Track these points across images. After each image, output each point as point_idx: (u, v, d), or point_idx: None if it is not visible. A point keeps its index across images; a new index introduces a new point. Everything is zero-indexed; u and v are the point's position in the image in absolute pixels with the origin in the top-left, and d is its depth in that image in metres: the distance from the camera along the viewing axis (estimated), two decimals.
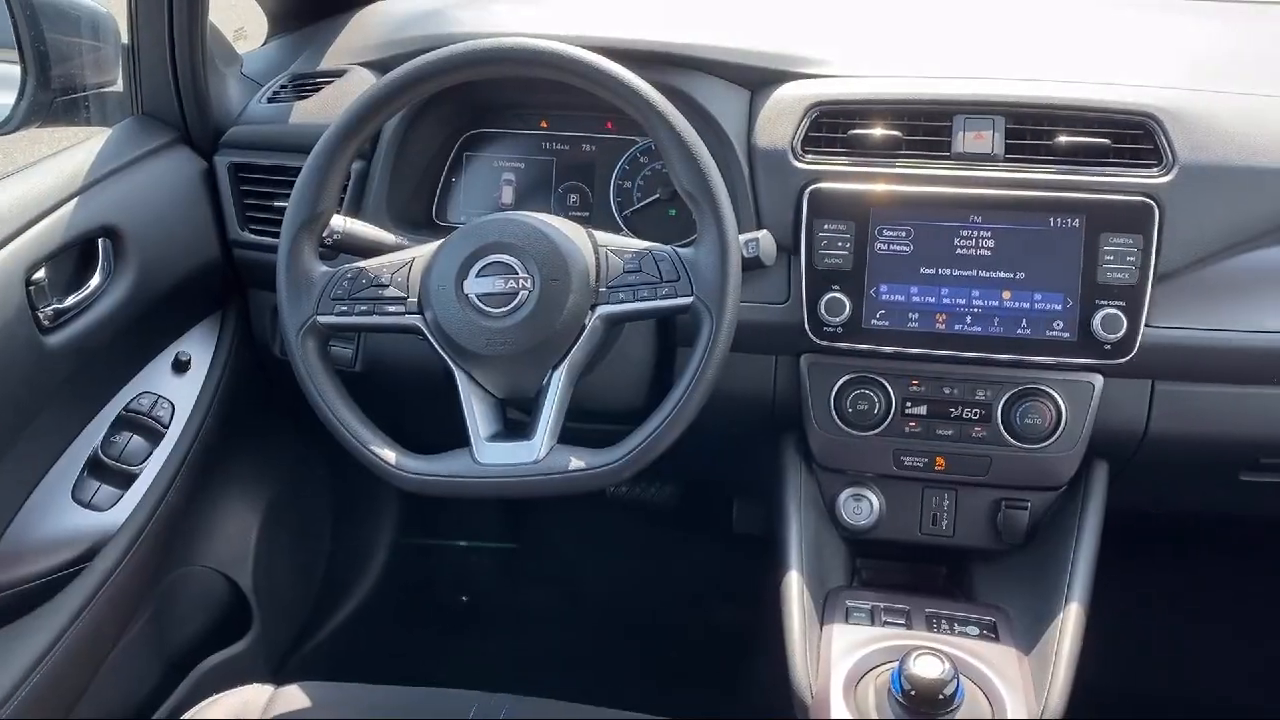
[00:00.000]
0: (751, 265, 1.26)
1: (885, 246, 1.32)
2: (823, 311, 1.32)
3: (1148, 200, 1.27)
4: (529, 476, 1.18)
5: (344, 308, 1.24)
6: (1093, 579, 1.33)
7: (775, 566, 1.38)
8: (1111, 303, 1.27)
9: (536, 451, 1.19)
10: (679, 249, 1.22)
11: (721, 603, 2.13)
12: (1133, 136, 1.31)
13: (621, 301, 1.21)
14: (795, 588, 1.33)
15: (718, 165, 1.31)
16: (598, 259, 1.22)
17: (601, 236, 1.25)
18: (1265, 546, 1.92)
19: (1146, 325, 1.28)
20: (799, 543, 1.38)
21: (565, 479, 1.18)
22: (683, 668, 2.05)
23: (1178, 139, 1.29)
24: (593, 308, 1.21)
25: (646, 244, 1.24)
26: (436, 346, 1.23)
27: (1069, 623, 1.27)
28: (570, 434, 1.24)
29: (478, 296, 1.21)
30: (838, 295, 1.32)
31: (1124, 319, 1.27)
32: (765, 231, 1.30)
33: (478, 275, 1.21)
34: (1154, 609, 1.98)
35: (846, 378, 1.37)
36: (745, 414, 1.45)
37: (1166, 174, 1.28)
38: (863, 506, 1.42)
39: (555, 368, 1.21)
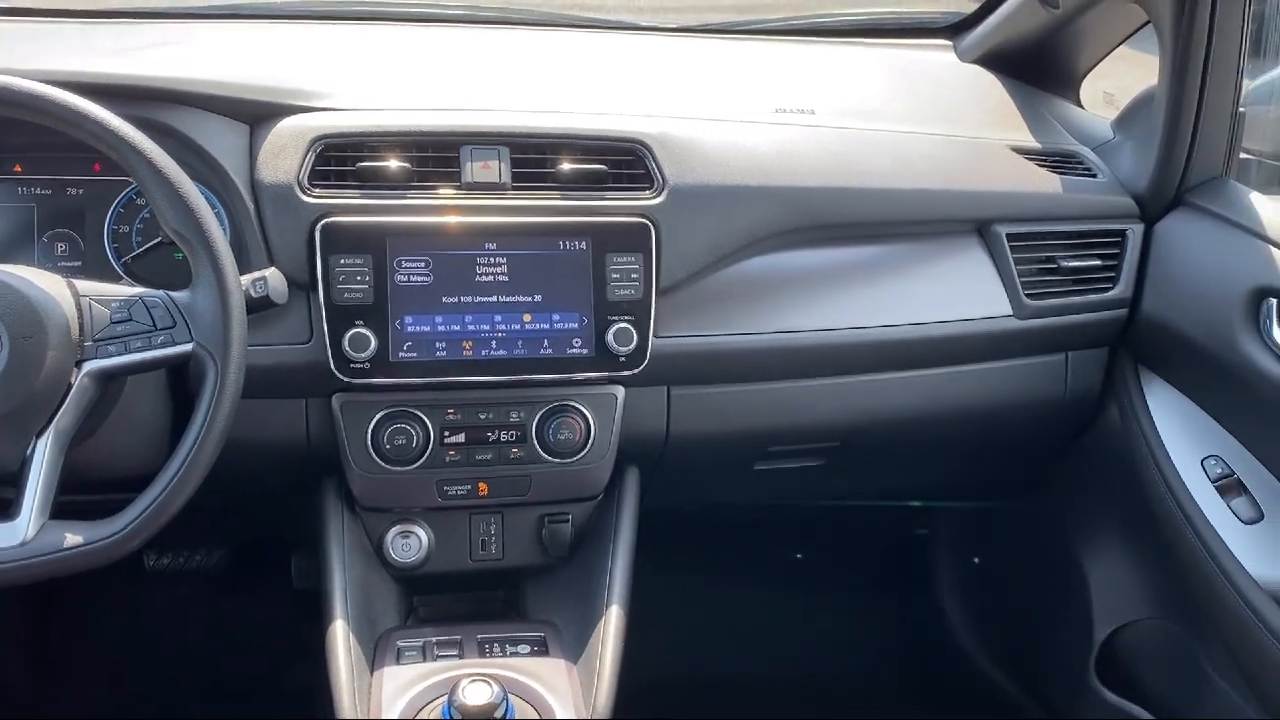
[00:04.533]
0: (261, 305, 1.21)
1: (406, 278, 1.31)
2: (347, 348, 1.29)
3: (644, 221, 1.36)
4: (13, 562, 1.06)
5: None
6: (630, 581, 1.40)
7: (321, 617, 1.33)
8: (622, 318, 1.35)
9: (22, 532, 1.07)
10: (173, 294, 1.14)
11: (291, 665, 2.01)
12: (627, 162, 1.40)
13: (112, 355, 1.12)
14: (340, 636, 1.29)
15: (221, 204, 1.25)
16: (80, 310, 1.12)
17: (84, 285, 1.15)
18: (779, 528, 2.14)
19: (655, 336, 1.37)
20: (343, 589, 1.34)
21: (57, 560, 1.07)
22: None
23: (665, 163, 1.40)
24: (79, 364, 1.11)
25: (138, 290, 1.15)
26: None
27: (610, 626, 1.34)
28: (79, 507, 1.12)
29: None
30: (362, 330, 1.29)
31: (634, 332, 1.35)
32: (273, 269, 1.25)
33: None
34: (692, 598, 2.13)
35: (382, 414, 1.35)
36: (280, 462, 1.39)
37: (658, 196, 1.38)
38: (411, 543, 1.40)
39: (39, 435, 1.09)
